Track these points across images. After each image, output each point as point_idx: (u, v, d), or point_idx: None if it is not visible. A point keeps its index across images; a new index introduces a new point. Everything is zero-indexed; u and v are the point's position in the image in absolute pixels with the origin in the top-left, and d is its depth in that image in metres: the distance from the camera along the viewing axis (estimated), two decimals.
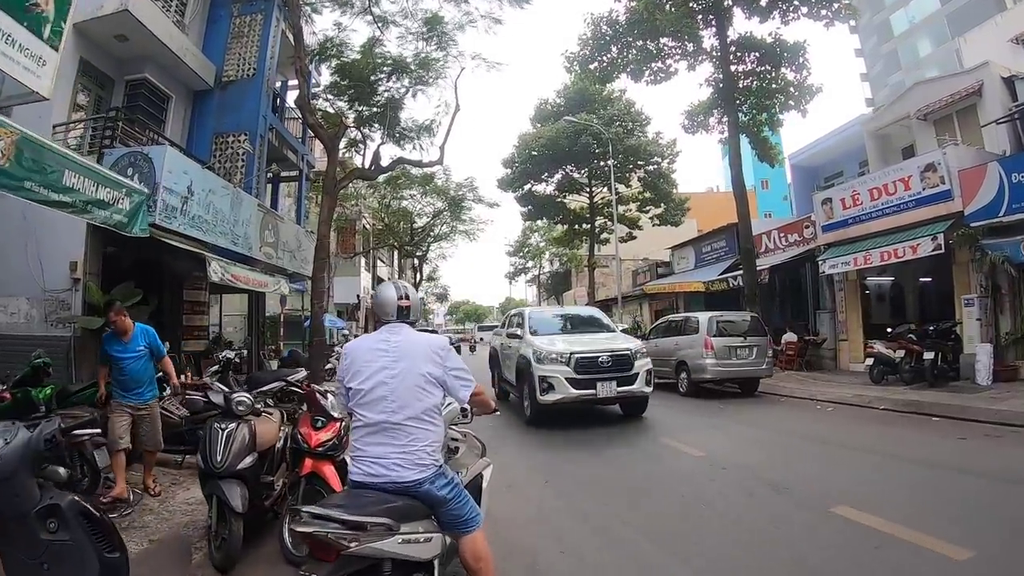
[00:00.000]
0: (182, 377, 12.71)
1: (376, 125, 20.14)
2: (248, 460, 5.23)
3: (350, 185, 36.81)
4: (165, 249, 12.48)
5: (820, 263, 20.17)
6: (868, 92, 66.55)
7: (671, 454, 9.00)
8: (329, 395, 5.78)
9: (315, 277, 16.19)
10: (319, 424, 5.44)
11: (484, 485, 4.43)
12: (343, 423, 5.41)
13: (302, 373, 11.23)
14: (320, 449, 5.22)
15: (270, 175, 22.27)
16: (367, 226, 40.23)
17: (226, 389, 9.57)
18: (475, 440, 5.07)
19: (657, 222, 36.74)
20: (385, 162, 20.04)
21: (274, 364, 20.23)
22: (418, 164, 20.40)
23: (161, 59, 15.63)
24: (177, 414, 9.21)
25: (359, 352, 3.54)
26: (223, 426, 5.35)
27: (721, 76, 21.73)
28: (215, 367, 11.57)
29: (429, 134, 20.68)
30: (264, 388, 11.03)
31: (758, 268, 21.81)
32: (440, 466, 3.43)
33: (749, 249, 20.69)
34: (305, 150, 21.68)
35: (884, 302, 22.22)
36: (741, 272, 23.06)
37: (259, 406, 5.89)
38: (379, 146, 19.82)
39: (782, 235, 24.09)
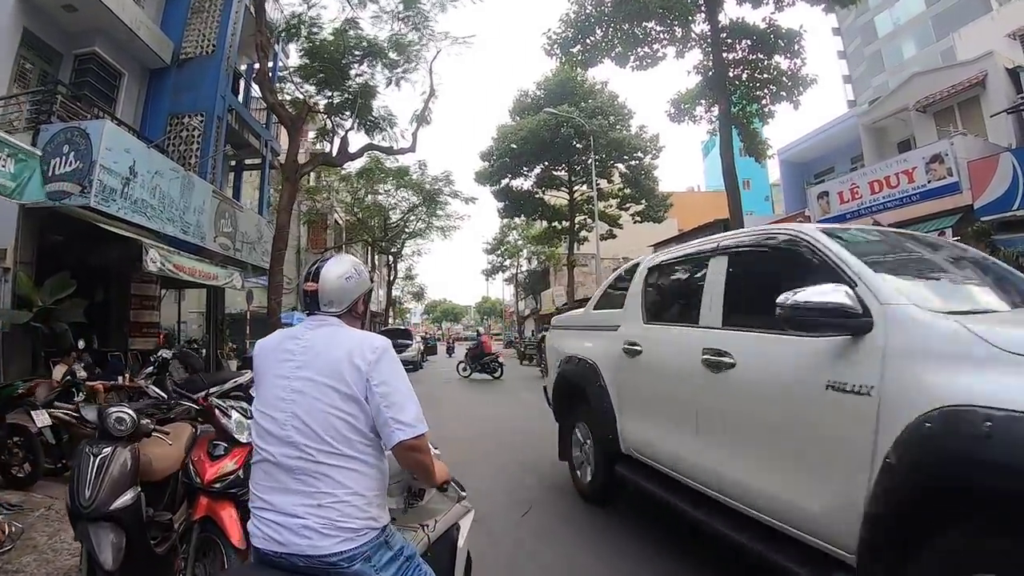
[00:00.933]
0: (119, 379, 11.42)
1: (347, 113, 18.78)
2: (127, 497, 3.81)
3: (322, 178, 35.61)
4: (103, 237, 11.15)
5: None
6: (851, 94, 66.00)
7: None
8: (234, 411, 4.42)
9: (273, 270, 14.86)
10: (218, 451, 4.05)
11: (460, 543, 3.15)
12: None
13: (247, 375, 9.94)
14: (217, 486, 3.81)
15: (233, 163, 20.90)
16: (339, 221, 38.73)
17: (163, 394, 8.24)
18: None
19: (639, 219, 35.53)
20: (355, 149, 18.70)
21: (234, 364, 18.89)
22: (389, 151, 19.08)
23: (113, 32, 14.39)
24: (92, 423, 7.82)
25: (263, 355, 2.49)
26: (95, 451, 3.94)
27: (711, 63, 20.61)
28: (149, 368, 10.20)
29: (415, 122, 19.39)
30: (203, 393, 9.77)
31: None
32: (381, 530, 2.26)
33: None
34: (269, 136, 20.31)
35: None
36: None
37: (149, 423, 4.45)
38: (348, 132, 18.46)
39: None
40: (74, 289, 10.91)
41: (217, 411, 4.27)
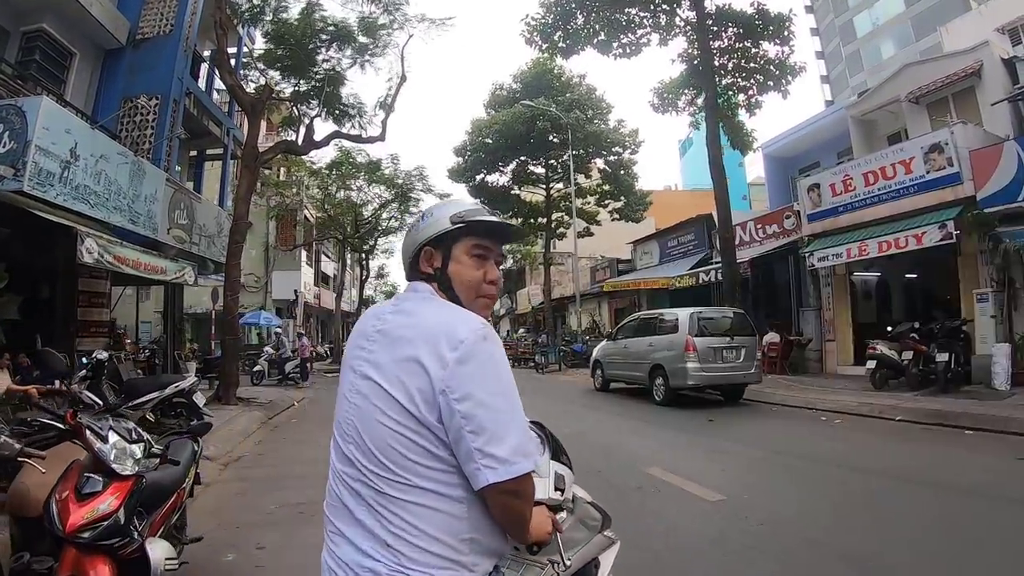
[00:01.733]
0: (57, 382, 10.32)
1: (314, 102, 17.69)
2: None
3: (291, 173, 34.39)
4: (43, 227, 10.06)
5: (807, 256, 18.51)
6: (828, 94, 66.04)
7: (673, 497, 6.46)
8: (113, 433, 3.36)
9: (229, 264, 13.80)
10: (90, 488, 2.98)
11: None
12: (141, 482, 3.13)
13: (190, 380, 8.96)
14: (85, 535, 2.78)
15: (194, 153, 19.75)
16: (309, 217, 37.48)
17: (98, 401, 7.16)
18: (587, 506, 2.55)
19: (617, 217, 34.72)
20: (322, 137, 17.61)
21: (193, 366, 17.80)
22: (357, 139, 18.03)
23: (63, 8, 13.29)
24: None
25: (351, 337, 1.89)
26: None
27: (696, 50, 19.82)
28: (83, 371, 9.12)
29: (378, 109, 18.32)
30: (141, 400, 8.72)
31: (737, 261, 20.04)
32: None
33: (728, 238, 18.74)
34: (232, 124, 19.19)
35: (870, 299, 20.52)
36: (714, 267, 21.27)
37: (13, 442, 3.33)
38: (314, 118, 17.39)
39: (759, 226, 22.33)
40: (6, 283, 9.81)
41: (88, 432, 3.18)
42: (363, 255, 42.30)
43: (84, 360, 9.48)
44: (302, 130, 18.14)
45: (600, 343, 18.59)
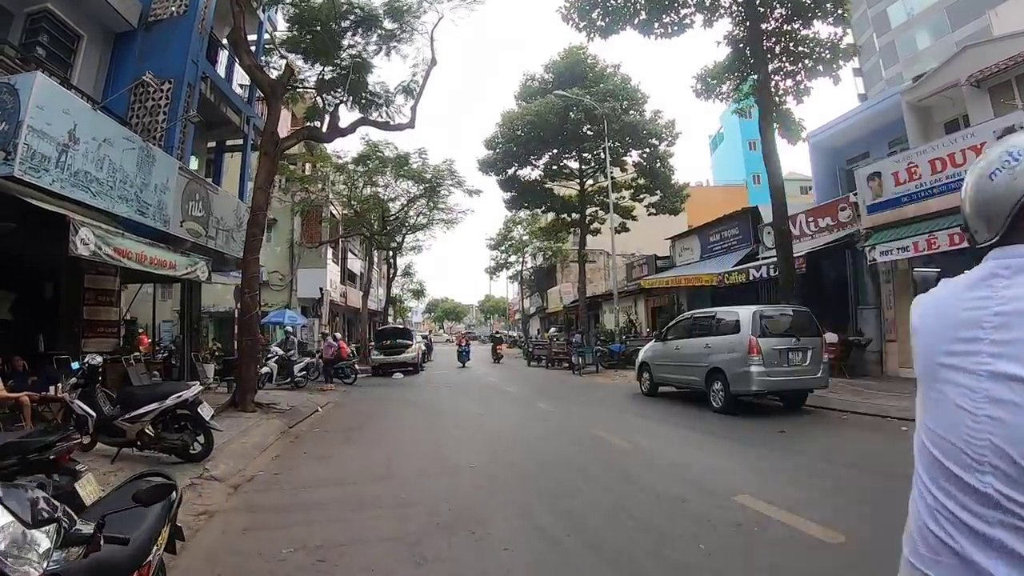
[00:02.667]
0: (53, 389, 9.26)
1: (340, 91, 16.56)
2: None
3: (317, 168, 33.35)
4: (42, 218, 9.00)
5: (867, 250, 17.22)
6: (861, 88, 64.32)
7: (783, 538, 5.07)
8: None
9: (246, 259, 12.66)
10: None
11: None
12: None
13: (193, 389, 7.82)
14: None
15: (212, 144, 18.73)
16: (335, 213, 36.45)
17: (91, 412, 6.00)
18: None
19: (653, 211, 33.30)
20: (347, 124, 16.48)
21: (211, 369, 16.77)
22: (385, 126, 16.83)
23: None
24: None
25: (926, 324, 1.37)
26: None
27: (743, 31, 18.46)
28: (73, 378, 8.00)
29: (406, 95, 17.14)
30: (139, 412, 7.61)
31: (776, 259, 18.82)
32: None
33: (785, 231, 17.29)
34: (252, 112, 18.12)
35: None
36: (765, 263, 19.88)
37: None
38: (339, 104, 16.24)
39: (811, 219, 20.90)
40: None
41: None
42: (390, 253, 41.24)
43: (75, 365, 8.36)
44: (327, 119, 17.14)
45: (647, 344, 17.25)
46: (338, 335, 23.24)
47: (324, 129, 15.89)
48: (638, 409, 13.60)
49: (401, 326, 36.40)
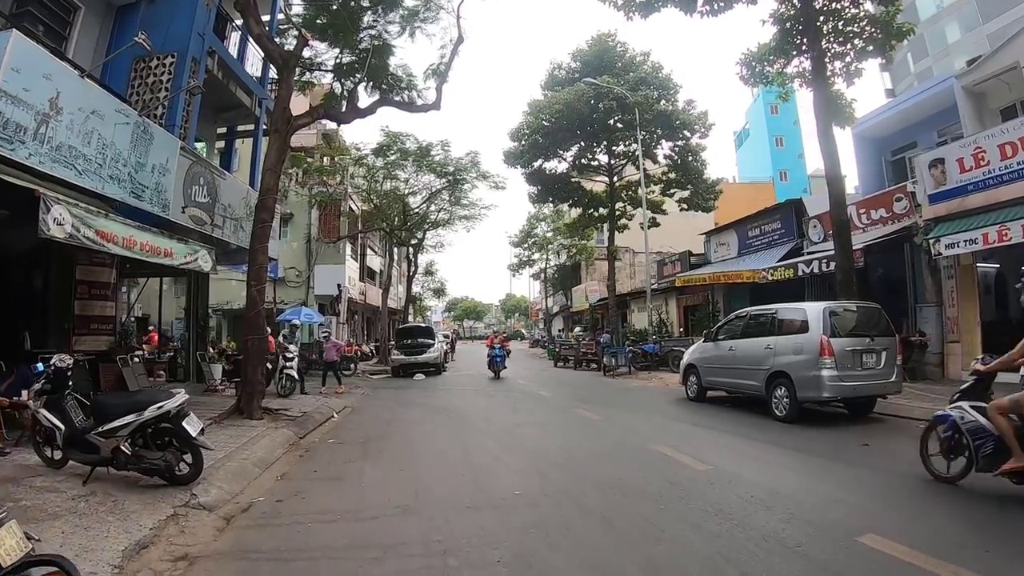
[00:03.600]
0: (25, 393, 8.00)
1: (359, 76, 15.23)
2: None
3: (336, 161, 32.14)
4: (20, 200, 7.76)
5: (931, 243, 15.76)
6: (888, 82, 63.15)
7: None
8: None
9: (254, 248, 11.33)
10: None
11: None
12: None
13: (177, 398, 6.51)
14: None
15: (224, 131, 17.53)
16: (354, 208, 35.14)
17: (59, 424, 4.76)
18: None
19: (685, 207, 31.80)
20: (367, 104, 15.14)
21: (218, 369, 15.55)
22: (409, 107, 15.45)
23: None
24: None
25: None
26: None
27: (793, 7, 17.03)
28: (38, 384, 6.72)
29: (434, 78, 15.78)
30: (113, 425, 6.30)
31: (831, 252, 17.45)
32: None
33: (844, 221, 15.88)
34: (265, 94, 16.88)
35: (990, 294, 17.48)
36: (816, 257, 18.48)
37: None
38: (358, 84, 14.89)
39: (863, 211, 19.43)
40: None
41: None
42: (410, 249, 39.94)
43: (39, 367, 7.09)
44: (344, 104, 15.91)
45: (694, 345, 15.80)
46: (329, 333, 21.62)
47: (342, 109, 14.55)
48: (691, 417, 12.13)
49: (423, 325, 35.03)
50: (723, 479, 6.91)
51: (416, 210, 34.78)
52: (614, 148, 31.66)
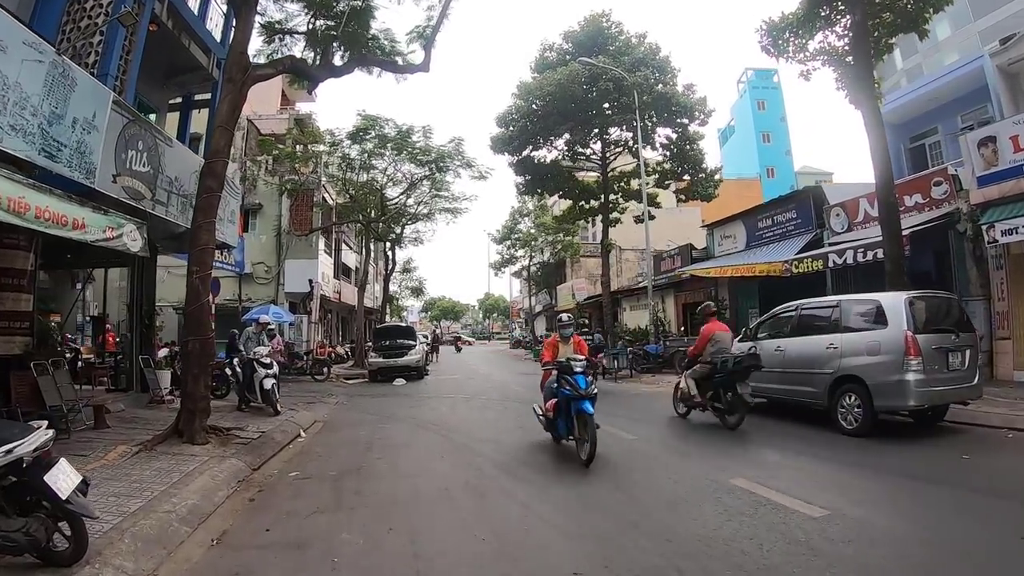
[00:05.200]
0: None
1: (335, 45, 12.94)
2: None
3: (308, 148, 29.64)
4: None
5: (984, 229, 13.99)
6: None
7: None
8: None
9: (196, 224, 9.01)
10: None
11: None
12: None
13: (33, 438, 4.16)
14: None
15: (179, 100, 15.22)
16: (327, 198, 32.60)
17: None
18: None
19: (683, 198, 29.87)
20: (343, 62, 12.82)
21: (165, 376, 13.22)
22: (393, 67, 13.08)
23: None
24: None
25: None
26: None
27: None
28: None
29: (420, 41, 13.54)
30: None
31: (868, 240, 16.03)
32: None
33: (892, 204, 14.01)
34: (225, 54, 14.47)
35: None
36: (845, 246, 16.63)
37: None
38: (333, 41, 12.59)
39: (898, 197, 17.53)
40: None
41: None
42: (388, 244, 37.57)
43: None
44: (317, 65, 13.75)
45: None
46: (274, 329, 18.43)
47: (313, 64, 12.22)
48: (736, 434, 9.98)
49: (404, 324, 32.69)
50: (856, 532, 4.95)
51: (395, 201, 32.32)
52: (607, 136, 29.74)
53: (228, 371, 14.84)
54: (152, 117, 13.63)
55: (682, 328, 28.16)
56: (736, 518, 5.41)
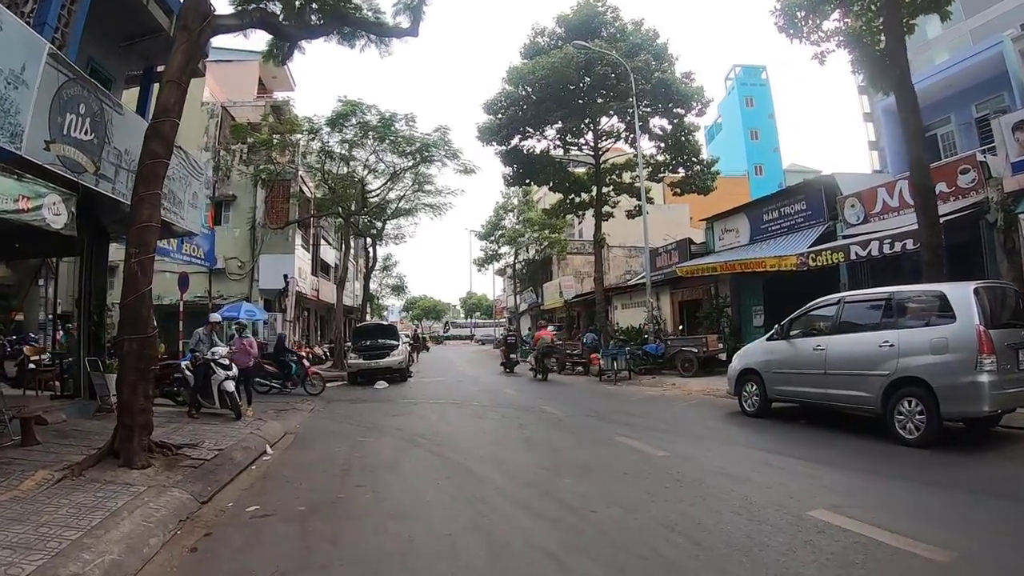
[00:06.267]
0: None
1: (317, 17, 11.44)
2: None
3: (285, 136, 27.94)
4: None
5: (1021, 219, 13.25)
6: (867, 107, 62.28)
7: None
8: None
9: (137, 196, 7.44)
10: None
11: None
12: None
13: None
14: None
15: (139, 71, 13.65)
16: (304, 189, 30.85)
17: None
18: None
19: (678, 191, 28.47)
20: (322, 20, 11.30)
21: (114, 380, 11.63)
22: (379, 30, 11.46)
23: None
24: None
25: None
26: None
27: None
28: None
29: (407, 12, 12.06)
30: None
31: (901, 231, 14.81)
32: None
33: (929, 188, 12.70)
34: None
35: None
36: (870, 237, 15.39)
37: None
38: (312, 3, 11.10)
39: None
40: None
41: None
42: (369, 240, 35.94)
43: None
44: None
45: (751, 344, 12.25)
46: (245, 325, 16.76)
47: (288, 21, 10.67)
48: (779, 446, 8.45)
49: (386, 323, 31.02)
50: None
51: (376, 193, 30.66)
52: (599, 126, 28.34)
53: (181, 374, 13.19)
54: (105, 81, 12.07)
55: (680, 327, 26.78)
56: (850, 571, 4.03)
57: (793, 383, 10.26)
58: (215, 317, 13.08)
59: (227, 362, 11.96)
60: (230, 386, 11.61)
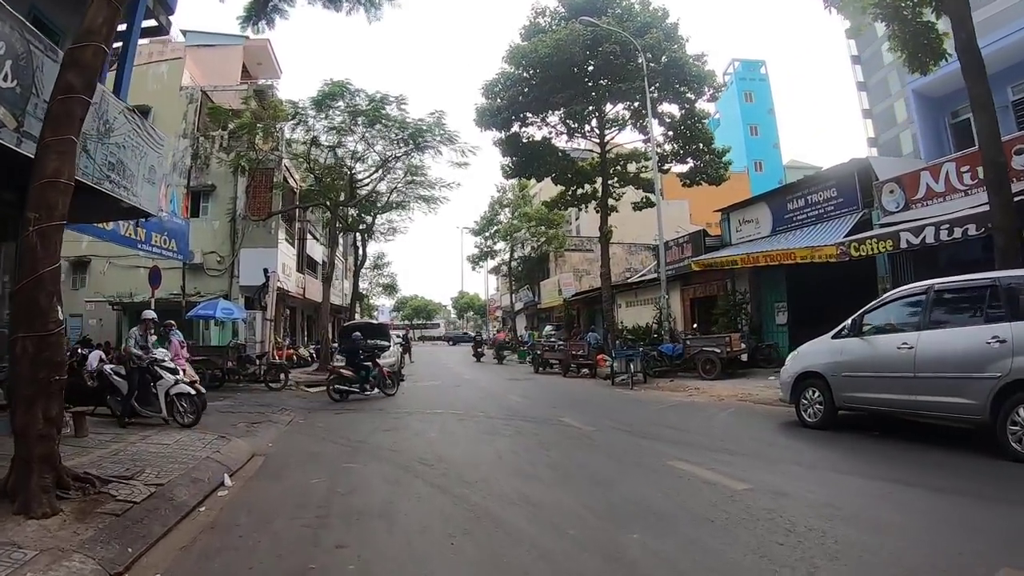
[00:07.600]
0: None
1: None
2: None
3: (267, 126, 25.97)
4: None
5: None
6: (860, 75, 64.20)
7: None
8: None
9: (44, 142, 5.53)
10: None
11: None
12: None
13: None
14: None
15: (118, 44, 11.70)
16: (288, 179, 28.88)
17: None
18: None
19: (687, 182, 26.83)
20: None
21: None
22: None
23: None
24: None
25: None
26: None
27: None
28: None
29: None
30: None
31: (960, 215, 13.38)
32: None
33: (1000, 163, 11.05)
34: None
35: None
36: (924, 223, 13.76)
37: None
38: None
39: (966, 170, 14.82)
40: None
41: None
42: (358, 235, 34.09)
43: None
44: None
45: (812, 343, 10.38)
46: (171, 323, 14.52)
47: None
48: (862, 467, 6.74)
49: (376, 322, 29.13)
50: None
51: (365, 184, 28.68)
52: (604, 112, 26.92)
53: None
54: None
55: (695, 325, 25.10)
56: None
57: (872, 389, 8.48)
58: (149, 314, 11.35)
59: (173, 365, 10.85)
60: (185, 390, 10.42)
